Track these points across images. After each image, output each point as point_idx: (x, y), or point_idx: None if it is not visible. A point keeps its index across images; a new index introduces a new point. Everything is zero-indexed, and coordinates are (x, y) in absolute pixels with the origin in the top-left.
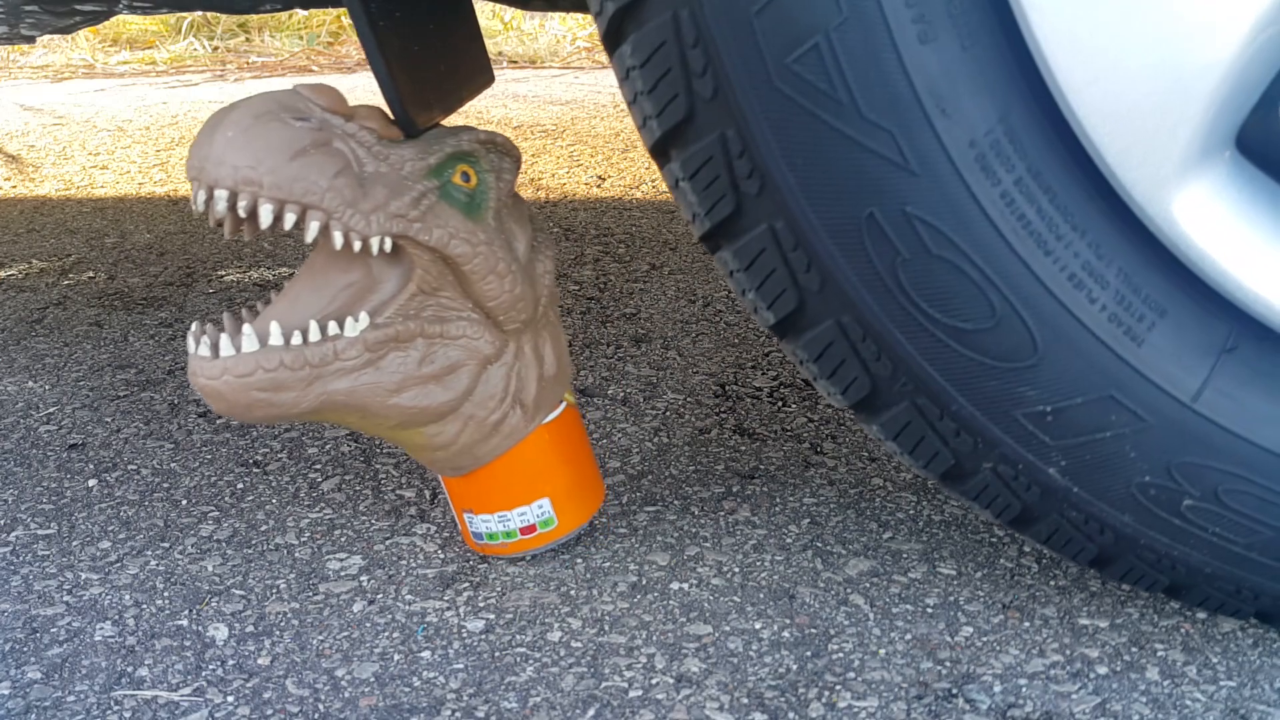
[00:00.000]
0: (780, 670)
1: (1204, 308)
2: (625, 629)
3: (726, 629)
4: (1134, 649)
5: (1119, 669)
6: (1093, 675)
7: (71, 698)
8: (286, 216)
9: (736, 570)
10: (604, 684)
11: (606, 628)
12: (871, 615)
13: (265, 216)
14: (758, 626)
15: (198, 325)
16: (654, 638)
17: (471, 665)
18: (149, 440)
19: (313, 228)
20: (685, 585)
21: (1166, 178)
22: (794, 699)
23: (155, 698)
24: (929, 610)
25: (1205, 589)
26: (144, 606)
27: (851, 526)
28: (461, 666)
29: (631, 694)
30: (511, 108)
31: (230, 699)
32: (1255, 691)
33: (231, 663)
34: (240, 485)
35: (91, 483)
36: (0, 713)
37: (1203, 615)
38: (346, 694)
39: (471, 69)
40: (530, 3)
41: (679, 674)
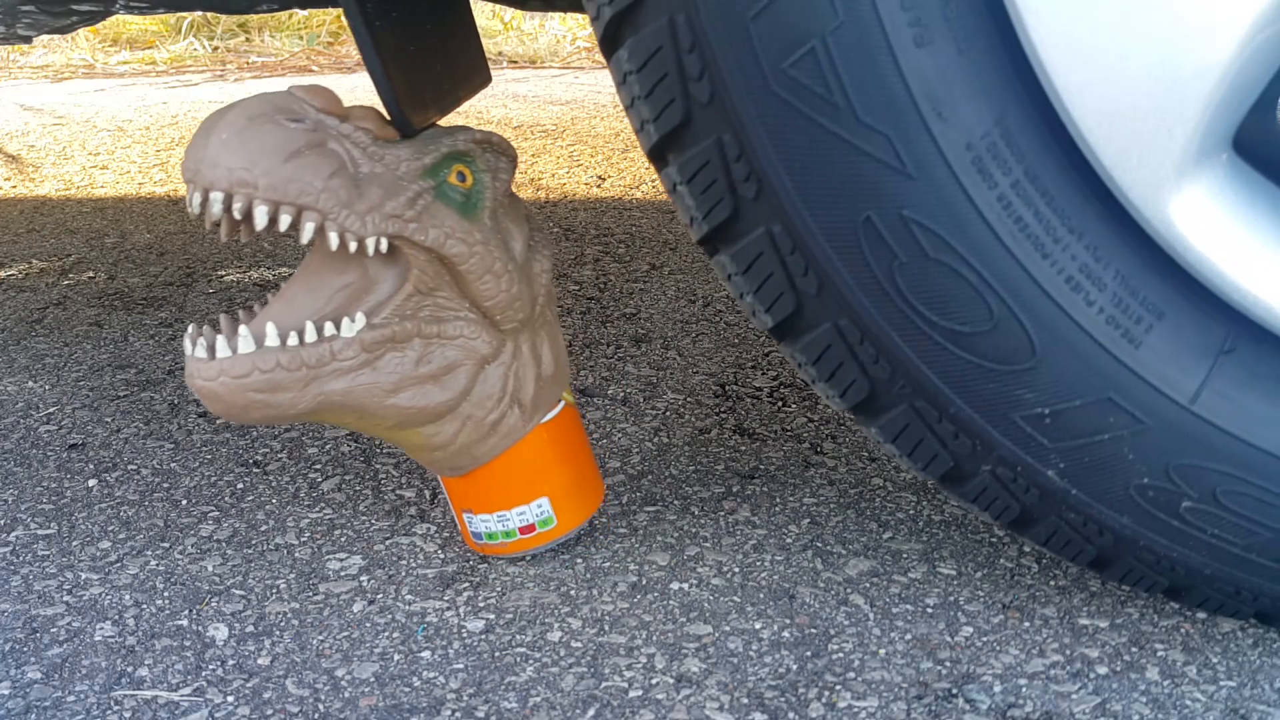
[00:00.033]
0: (780, 670)
1: (1201, 310)
2: (625, 629)
3: (726, 629)
4: (1134, 649)
5: (1119, 669)
6: (1093, 675)
7: (71, 698)
8: (282, 218)
9: (736, 570)
10: (604, 684)
11: (606, 628)
12: (871, 615)
13: (260, 218)
14: (758, 626)
15: (194, 327)
16: (654, 638)
17: (471, 665)
18: (149, 440)
19: (308, 229)
20: (685, 585)
21: (1163, 180)
22: (794, 699)
23: (155, 698)
24: (929, 610)
25: (1205, 590)
26: (144, 606)
27: (851, 526)
28: (461, 666)
29: (631, 694)
30: (511, 108)
31: (230, 699)
32: (1255, 691)
33: (231, 663)
34: (240, 485)
35: (91, 483)
36: (0, 713)
37: (1202, 616)
38: (346, 694)
39: (468, 69)
40: (528, 2)
41: (679, 674)
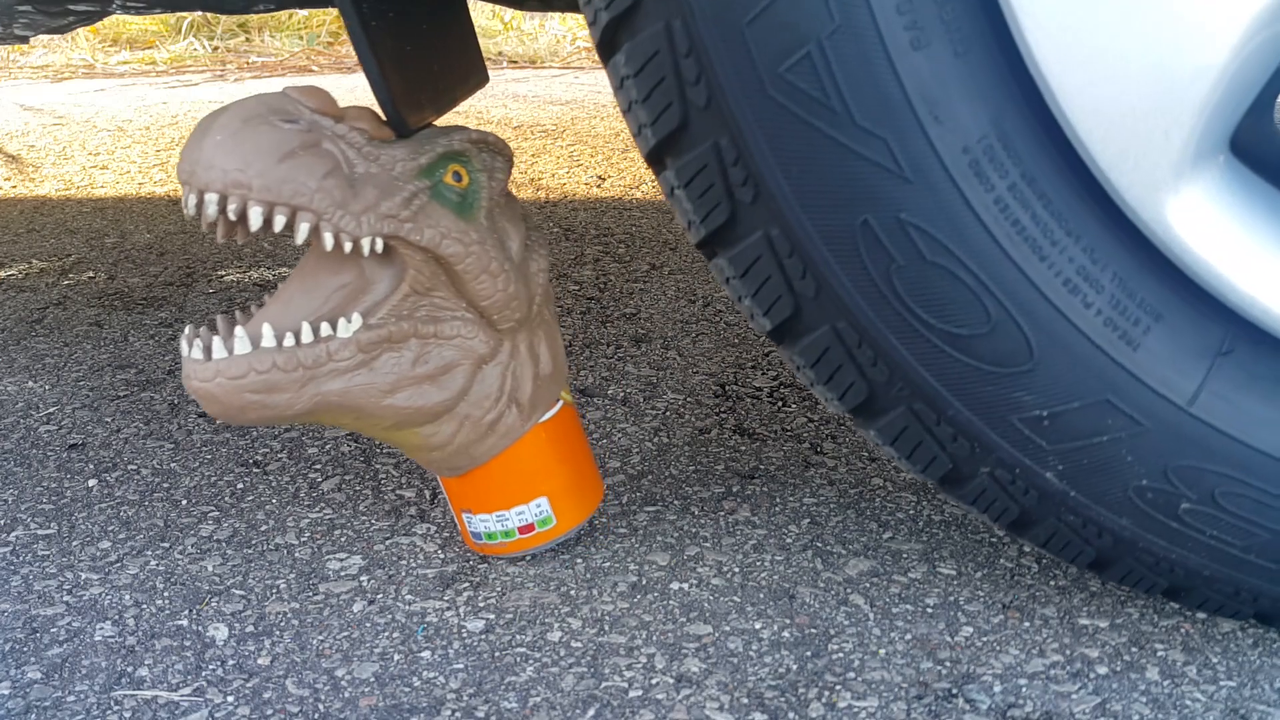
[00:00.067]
0: (780, 670)
1: (1199, 311)
2: (625, 629)
3: (726, 629)
4: (1134, 649)
5: (1119, 669)
6: (1093, 675)
7: (71, 698)
8: (276, 219)
9: (736, 570)
10: (604, 684)
11: (606, 628)
12: (871, 615)
13: (255, 219)
14: (758, 626)
15: (191, 328)
16: (654, 638)
17: (471, 665)
18: (149, 440)
19: (303, 229)
20: (685, 585)
21: (1160, 182)
22: (794, 699)
23: (155, 698)
24: (929, 610)
25: (1204, 591)
26: (144, 606)
27: (851, 526)
28: (461, 666)
29: (631, 694)
30: (511, 108)
31: (230, 699)
32: (1255, 691)
33: (231, 663)
34: (240, 485)
35: (91, 483)
36: (0, 713)
37: (1202, 616)
38: (346, 694)
39: (466, 69)
40: (526, 2)
41: (679, 674)
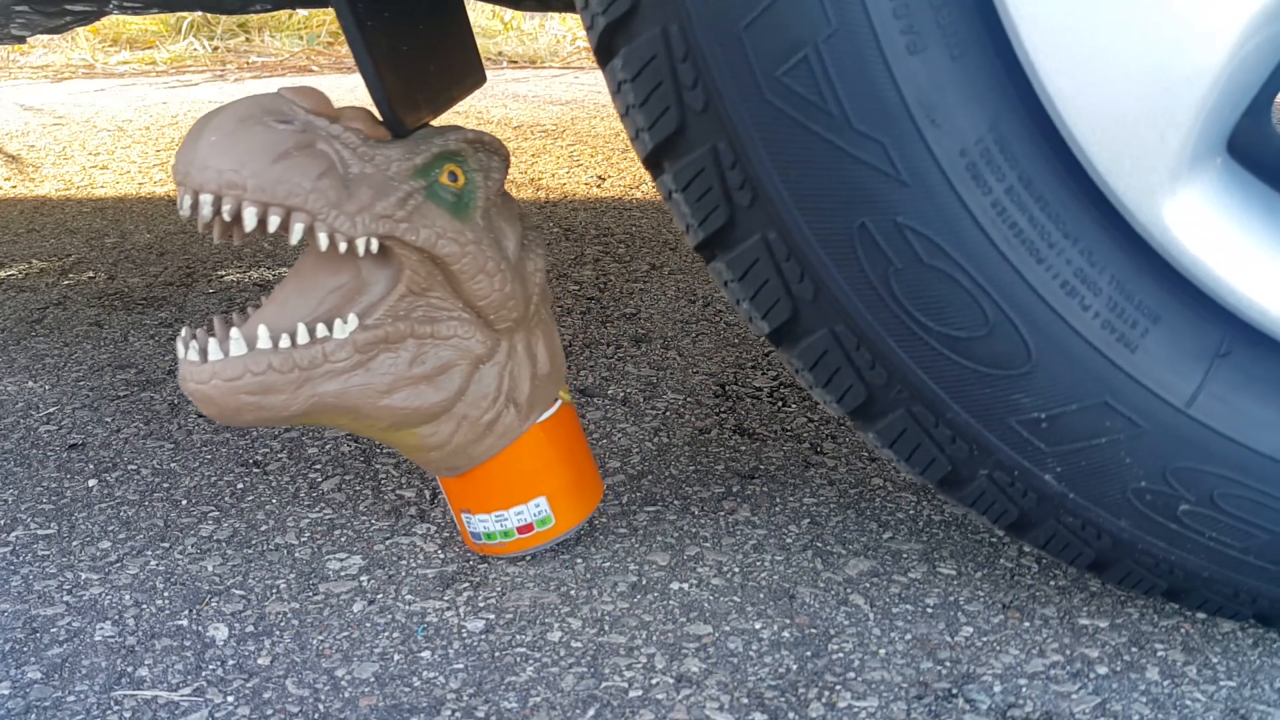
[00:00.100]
0: (780, 670)
1: (1197, 313)
2: (625, 629)
3: (726, 629)
4: (1134, 649)
5: (1119, 669)
6: (1093, 675)
7: (71, 698)
8: (270, 219)
9: (736, 570)
10: (604, 684)
11: (606, 628)
12: (871, 615)
13: (249, 220)
14: (758, 626)
15: (187, 330)
16: (654, 638)
17: (471, 665)
18: (149, 440)
19: (297, 230)
20: (685, 585)
21: (1157, 184)
22: (794, 699)
23: (155, 698)
24: (929, 610)
25: (1203, 592)
26: (144, 606)
27: (851, 526)
28: (461, 666)
29: (631, 694)
30: (511, 108)
31: (230, 699)
32: (1255, 691)
33: (231, 663)
34: (240, 485)
35: (91, 483)
36: (0, 713)
37: (1202, 616)
38: (346, 694)
39: (463, 69)
40: (523, 2)
41: (679, 674)
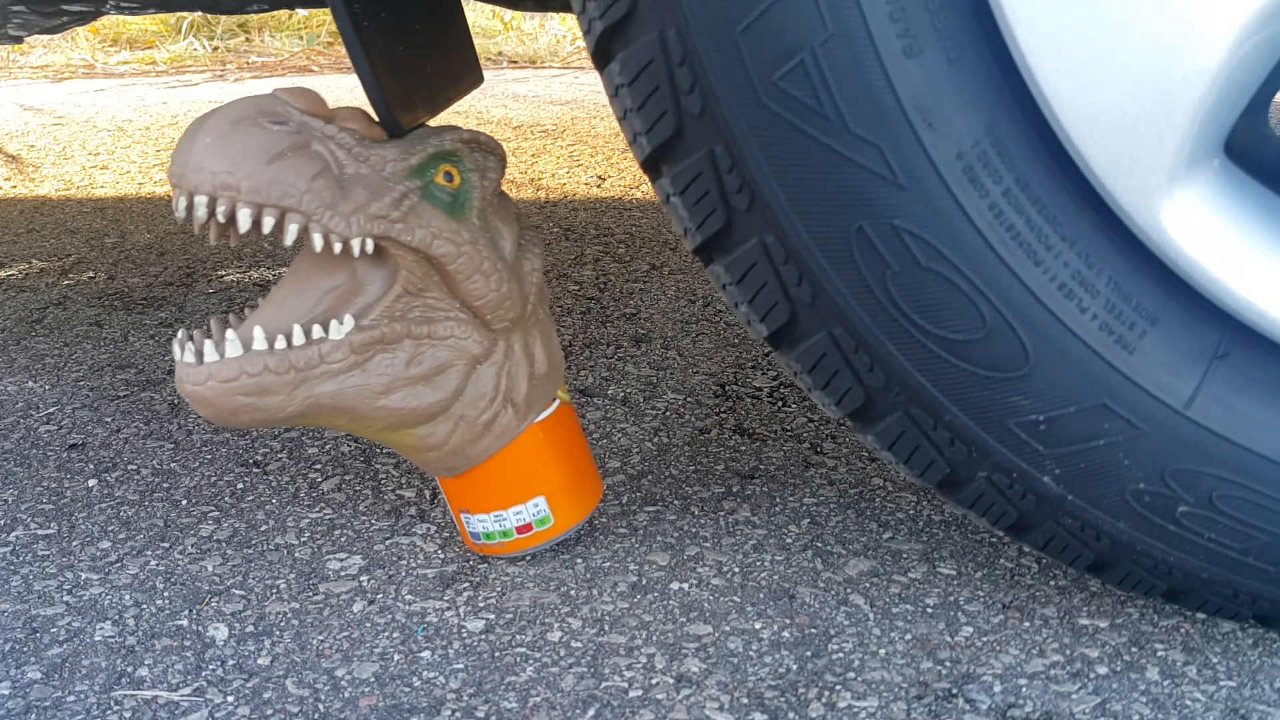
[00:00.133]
0: (780, 670)
1: (1195, 315)
2: (625, 629)
3: (726, 629)
4: (1134, 649)
5: (1119, 669)
6: (1093, 675)
7: (71, 698)
8: (265, 220)
9: (736, 570)
10: (604, 684)
11: (606, 628)
12: (871, 615)
13: (244, 221)
14: (758, 626)
15: (184, 332)
16: (654, 638)
17: (471, 665)
18: (149, 440)
19: (291, 230)
20: (685, 585)
21: (1155, 186)
22: (794, 699)
23: (155, 698)
24: (929, 610)
25: (1203, 593)
26: (144, 606)
27: (851, 526)
28: (461, 666)
29: (631, 694)
30: (511, 108)
31: (230, 699)
32: (1255, 691)
33: (231, 663)
34: (240, 485)
35: (91, 483)
36: (0, 713)
37: (1202, 616)
38: (346, 694)
39: (460, 69)
40: (521, 2)
41: (679, 674)
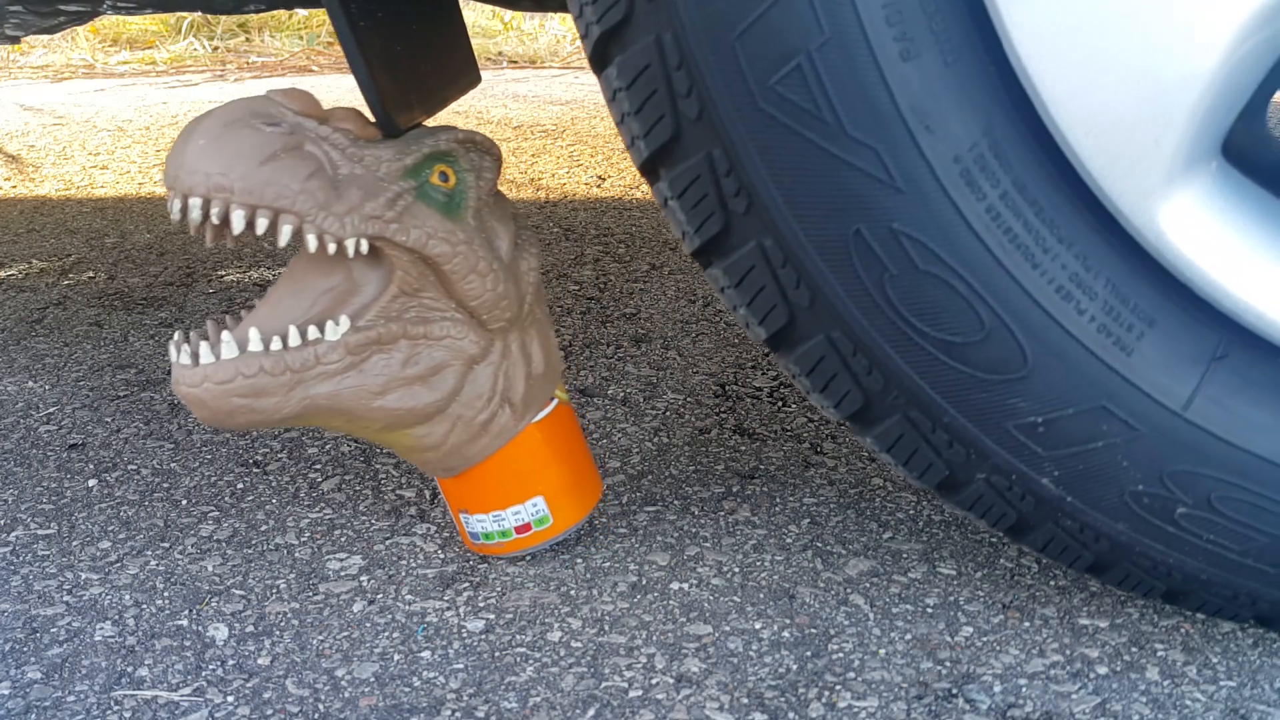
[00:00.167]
0: (780, 670)
1: (1193, 316)
2: (625, 629)
3: (726, 629)
4: (1134, 649)
5: (1119, 669)
6: (1093, 675)
7: (71, 698)
8: (259, 221)
9: (736, 570)
10: (604, 684)
11: (606, 628)
12: (871, 615)
13: (237, 222)
14: (758, 626)
15: (180, 334)
16: (654, 638)
17: (471, 665)
18: (149, 440)
19: (285, 231)
20: (685, 585)
21: (1152, 188)
22: (794, 699)
23: (155, 698)
24: (929, 610)
25: (1202, 594)
26: (144, 606)
27: (851, 526)
28: (461, 666)
29: (631, 694)
30: (511, 108)
31: (230, 699)
32: (1255, 691)
33: (231, 663)
34: (240, 485)
35: (91, 483)
36: (0, 713)
37: (1202, 616)
38: (346, 694)
39: (457, 69)
40: (518, 3)
41: (679, 674)
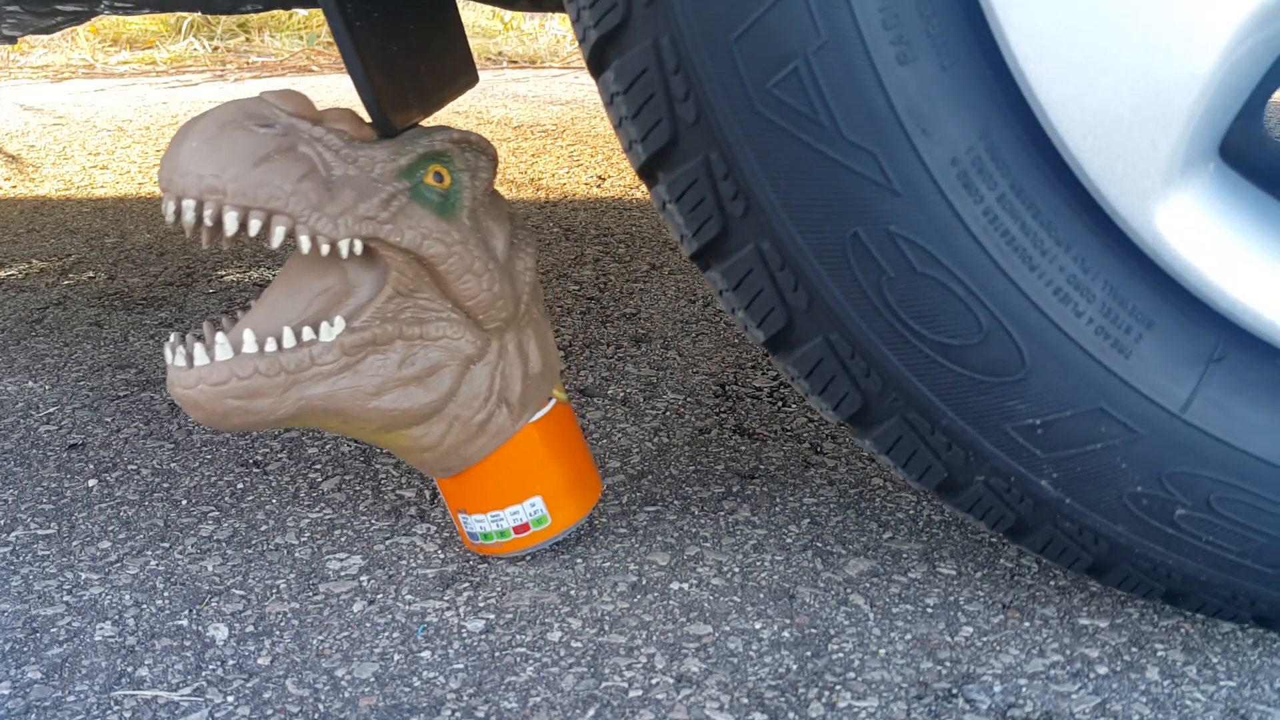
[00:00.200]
0: (780, 670)
1: (1191, 318)
2: (625, 629)
3: (726, 629)
4: (1134, 649)
5: (1119, 669)
6: (1093, 675)
7: (71, 698)
8: (251, 223)
9: (736, 570)
10: (604, 684)
11: (606, 628)
12: (871, 615)
13: (230, 224)
14: (758, 626)
15: (175, 336)
16: (654, 638)
17: (471, 665)
18: (149, 440)
19: (278, 233)
20: (685, 585)
21: (1149, 190)
22: (794, 699)
23: (155, 698)
24: (929, 610)
25: (1202, 595)
26: (144, 606)
27: (851, 526)
28: (461, 666)
29: (631, 694)
30: (511, 108)
31: (230, 699)
32: (1255, 691)
33: (231, 663)
34: (240, 485)
35: (91, 483)
36: (0, 713)
37: (1202, 616)
38: (346, 694)
39: (454, 69)
40: (515, 3)
41: (679, 674)
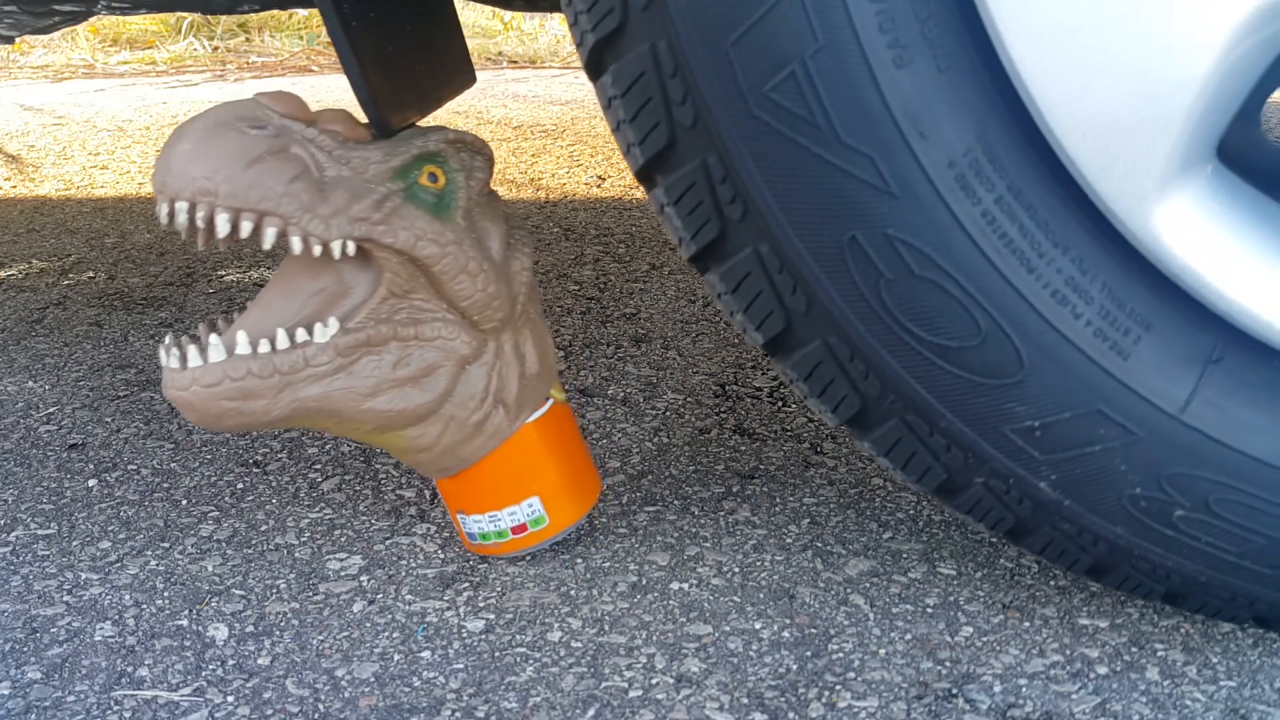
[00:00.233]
0: (780, 670)
1: (1189, 320)
2: (625, 629)
3: (726, 629)
4: (1134, 649)
5: (1119, 669)
6: (1093, 675)
7: (71, 698)
8: (243, 224)
9: (736, 570)
10: (604, 684)
11: (606, 628)
12: (871, 615)
13: (222, 225)
14: (758, 626)
15: (170, 337)
16: (654, 638)
17: (471, 665)
18: (149, 440)
19: (269, 234)
20: (685, 585)
21: (1147, 192)
22: (794, 699)
23: (155, 698)
24: (929, 610)
25: (1201, 596)
26: (144, 606)
27: (851, 526)
28: (461, 666)
29: (631, 694)
30: (511, 108)
31: (230, 699)
32: (1255, 691)
33: (231, 663)
34: (240, 485)
35: (91, 483)
36: (0, 713)
37: (1202, 617)
38: (346, 694)
39: (451, 69)
40: (512, 3)
41: (679, 674)
